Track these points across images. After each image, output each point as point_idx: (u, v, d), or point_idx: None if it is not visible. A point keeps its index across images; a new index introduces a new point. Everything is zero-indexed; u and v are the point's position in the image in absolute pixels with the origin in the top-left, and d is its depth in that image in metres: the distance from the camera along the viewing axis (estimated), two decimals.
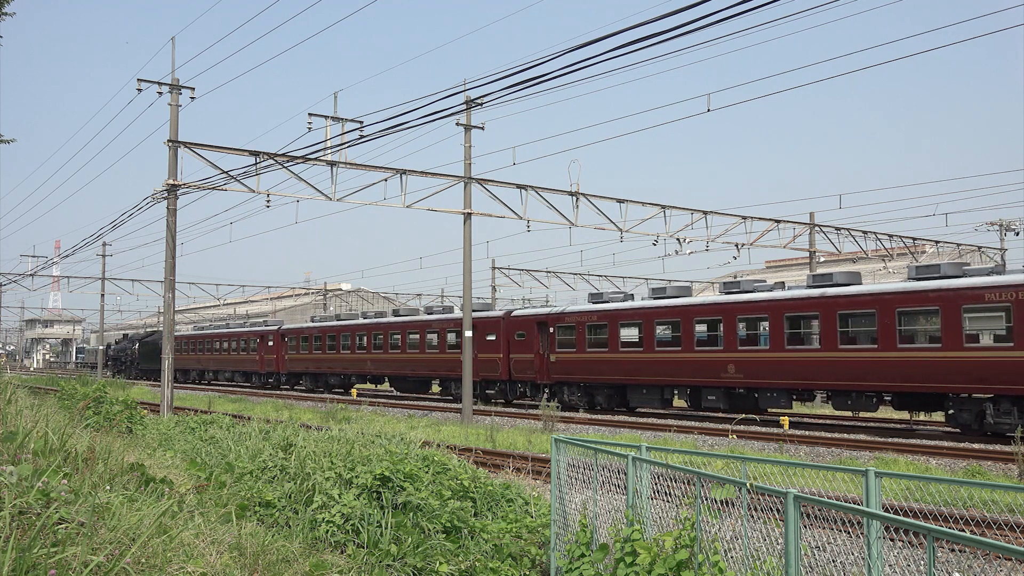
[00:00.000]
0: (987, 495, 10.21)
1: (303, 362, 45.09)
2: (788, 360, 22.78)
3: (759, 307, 23.75)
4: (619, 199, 28.75)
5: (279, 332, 47.42)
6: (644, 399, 27.18)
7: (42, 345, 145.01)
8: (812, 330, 22.47)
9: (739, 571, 5.39)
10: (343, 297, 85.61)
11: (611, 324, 27.80)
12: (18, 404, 9.19)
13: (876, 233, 36.40)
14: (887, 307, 20.76)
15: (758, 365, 23.50)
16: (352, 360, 40.92)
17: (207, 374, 58.32)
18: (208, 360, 56.84)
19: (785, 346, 22.84)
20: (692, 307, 25.62)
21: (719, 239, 32.33)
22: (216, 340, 55.44)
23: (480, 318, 32.45)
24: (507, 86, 16.05)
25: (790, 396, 23.38)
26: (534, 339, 30.49)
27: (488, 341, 32.32)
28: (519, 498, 9.97)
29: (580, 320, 28.88)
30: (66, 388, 21.88)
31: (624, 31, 12.79)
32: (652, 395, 26.80)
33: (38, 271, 59.39)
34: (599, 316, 28.30)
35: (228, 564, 5.47)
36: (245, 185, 23.17)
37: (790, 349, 22.76)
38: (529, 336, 30.74)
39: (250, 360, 50.55)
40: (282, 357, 46.82)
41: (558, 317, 29.80)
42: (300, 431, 12.82)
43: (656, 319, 26.45)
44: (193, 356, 58.81)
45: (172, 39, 24.64)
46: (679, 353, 25.60)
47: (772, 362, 23.15)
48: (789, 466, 6.22)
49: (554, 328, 29.75)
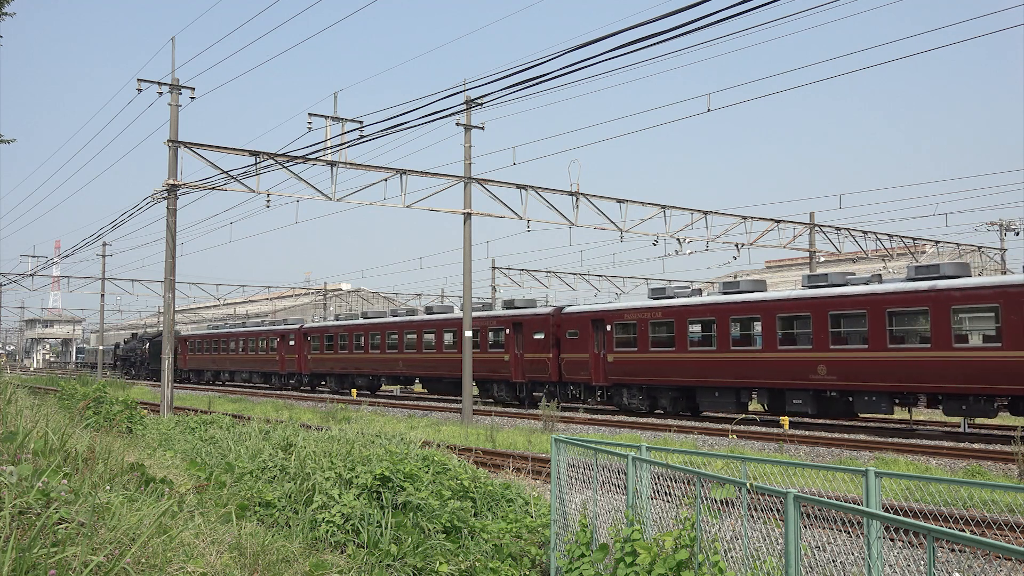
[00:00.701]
0: (987, 495, 10.21)
1: (328, 362, 43.00)
2: (891, 360, 20.69)
3: (856, 302, 21.54)
4: (619, 199, 28.75)
5: (301, 331, 45.33)
6: (716, 403, 25.16)
7: (42, 345, 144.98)
8: (920, 327, 20.52)
9: (739, 571, 5.39)
10: (343, 297, 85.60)
11: (678, 321, 25.83)
12: (18, 404, 9.19)
13: (876, 233, 36.42)
14: (1014, 302, 18.73)
15: (855, 366, 21.39)
16: (381, 360, 38.84)
17: (223, 375, 56.16)
18: (224, 360, 54.62)
19: (887, 345, 20.76)
20: (775, 303, 23.49)
21: (719, 239, 32.34)
22: (233, 339, 53.16)
23: (527, 316, 31.12)
24: (507, 86, 16.06)
25: (891, 400, 21.22)
26: (588, 338, 28.59)
27: (535, 340, 30.49)
28: (519, 498, 9.96)
29: (642, 317, 26.90)
30: (66, 388, 21.88)
31: (624, 31, 12.79)
32: (725, 398, 24.76)
33: (38, 271, 59.42)
34: (664, 312, 26.34)
35: (228, 564, 5.47)
36: (245, 185, 23.18)
37: (893, 348, 20.68)
38: (583, 335, 28.82)
39: (270, 360, 48.38)
40: (304, 357, 44.77)
41: (616, 314, 27.87)
42: (300, 431, 12.82)
43: (732, 315, 24.39)
44: (208, 356, 56.75)
45: (172, 39, 24.65)
46: (759, 353, 23.55)
47: (872, 362, 21.01)
48: (789, 466, 6.22)
49: (611, 326, 27.82)
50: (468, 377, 26.00)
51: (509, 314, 32.04)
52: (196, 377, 59.23)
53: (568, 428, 23.16)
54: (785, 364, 22.95)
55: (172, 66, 24.17)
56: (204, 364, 57.49)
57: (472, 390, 26.49)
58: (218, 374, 56.62)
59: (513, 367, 31.32)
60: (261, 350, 49.44)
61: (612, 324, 27.88)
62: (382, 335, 38.78)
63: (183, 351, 59.28)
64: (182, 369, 59.38)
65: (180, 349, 59.31)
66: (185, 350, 59.23)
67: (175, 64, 31.96)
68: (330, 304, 78.83)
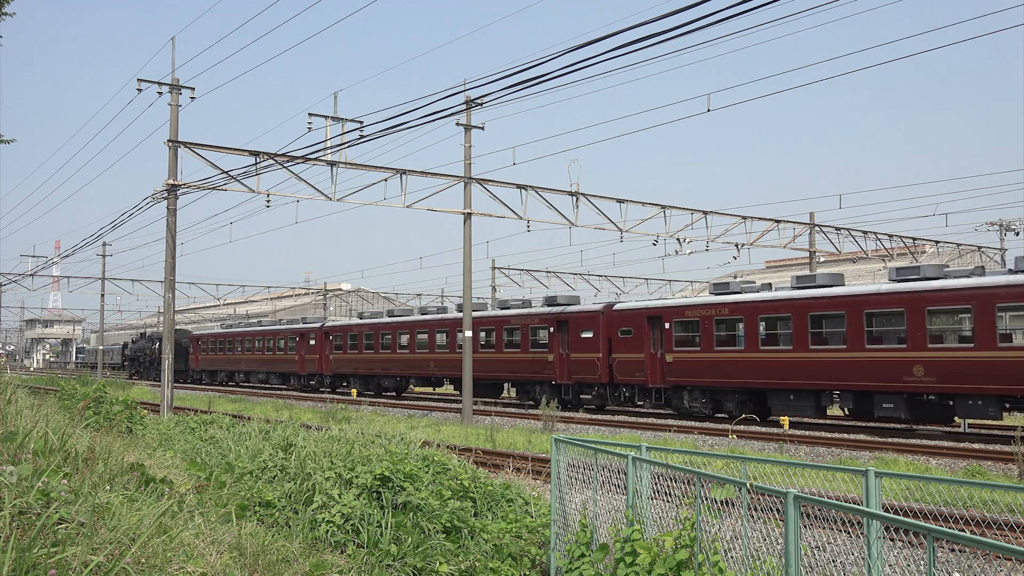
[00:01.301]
0: (987, 495, 10.21)
1: (351, 363, 40.87)
2: (1001, 360, 18.85)
3: (959, 296, 19.77)
4: (619, 199, 28.75)
5: (323, 330, 43.27)
6: (790, 406, 23.19)
7: (42, 345, 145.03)
8: None
9: (739, 571, 5.39)
10: (343, 297, 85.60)
11: (748, 318, 23.95)
12: (18, 404, 9.19)
13: (876, 233, 36.43)
14: None
15: (958, 366, 19.57)
16: (411, 361, 36.77)
17: (237, 375, 53.90)
18: (239, 361, 52.23)
19: (997, 344, 18.97)
20: (861, 297, 21.56)
21: (719, 239, 32.34)
22: (248, 339, 50.81)
23: (574, 313, 29.23)
24: (507, 86, 16.07)
25: (1000, 404, 19.35)
26: (643, 336, 26.67)
27: (583, 339, 28.57)
28: (519, 498, 9.97)
29: (706, 314, 25.05)
30: (66, 388, 21.88)
31: (624, 31, 12.79)
32: (801, 401, 22.85)
33: (38, 271, 59.43)
34: (732, 308, 24.48)
35: (228, 564, 5.47)
36: (245, 185, 23.18)
37: (1004, 347, 18.88)
38: (637, 333, 26.88)
39: (288, 360, 46.20)
40: (326, 357, 42.66)
41: (676, 310, 26.05)
42: (300, 431, 12.83)
43: (810, 311, 22.42)
44: (222, 356, 54.42)
45: (172, 39, 24.66)
46: (843, 352, 21.58)
47: (978, 362, 19.19)
48: (789, 466, 6.22)
49: (670, 323, 25.93)
50: (468, 377, 25.99)
51: (554, 311, 30.13)
52: (209, 378, 57.43)
53: (568, 428, 23.16)
54: (874, 364, 21.06)
55: (172, 66, 24.20)
56: (218, 364, 55.45)
57: (469, 389, 26.43)
58: (232, 374, 54.62)
59: (558, 368, 29.57)
60: (279, 350, 47.35)
61: (671, 321, 26.03)
62: (411, 334, 36.83)
63: (195, 351, 57.94)
64: (194, 370, 58.10)
65: (192, 349, 58.27)
66: (197, 350, 57.76)
67: (175, 64, 31.98)
68: (330, 304, 78.83)
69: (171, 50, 25.10)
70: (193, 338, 59.17)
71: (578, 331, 28.85)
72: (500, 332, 32.16)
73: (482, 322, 32.76)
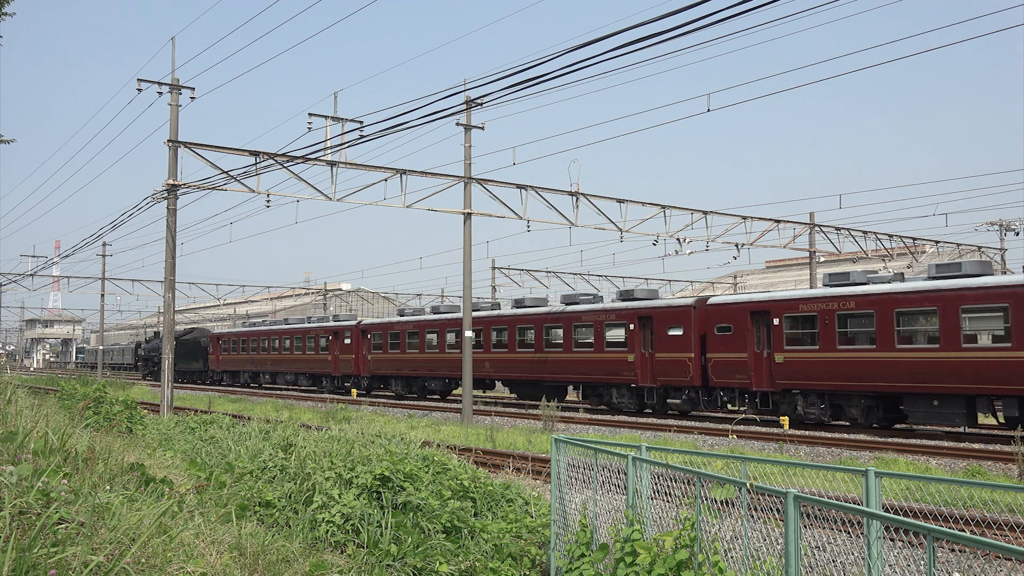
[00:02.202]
0: (987, 495, 10.21)
1: (392, 363, 37.96)
2: None
3: None
4: (619, 199, 28.76)
5: (359, 327, 40.49)
6: (934, 413, 20.22)
7: (42, 345, 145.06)
8: None
9: (739, 571, 5.39)
10: (343, 297, 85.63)
11: (881, 312, 21.05)
12: (18, 404, 9.19)
13: (876, 233, 36.44)
14: None
15: None
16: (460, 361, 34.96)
17: (262, 377, 50.72)
18: (264, 361, 49.06)
19: None
20: None
21: (719, 239, 32.33)
22: (275, 337, 47.69)
23: (660, 308, 26.45)
24: (507, 86, 16.08)
25: None
26: (746, 334, 23.83)
27: (671, 337, 25.73)
28: (519, 498, 9.97)
29: (825, 308, 22.12)
30: (66, 388, 21.89)
31: (624, 31, 12.80)
32: (950, 408, 19.86)
33: (38, 271, 59.43)
34: (860, 302, 21.54)
35: (228, 564, 5.47)
36: (245, 185, 23.18)
37: None
38: (739, 330, 24.05)
39: (320, 361, 43.22)
40: (363, 357, 39.85)
41: (788, 304, 23.10)
42: (300, 431, 12.82)
43: (962, 304, 19.59)
44: (245, 357, 51.15)
45: (172, 39, 24.67)
46: (1008, 351, 18.69)
47: None
48: (789, 466, 6.22)
49: (780, 319, 23.08)
50: (468, 376, 26.00)
51: (634, 306, 27.24)
52: (231, 379, 54.32)
53: (568, 428, 23.17)
54: None
55: (172, 66, 24.21)
56: (240, 365, 52.13)
57: (469, 388, 26.45)
58: (256, 376, 51.35)
59: (640, 369, 26.68)
60: (309, 349, 44.18)
61: (781, 317, 23.14)
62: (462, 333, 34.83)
63: (215, 351, 55.39)
64: (214, 371, 55.70)
65: (212, 349, 55.98)
66: (218, 350, 55.05)
67: (175, 64, 31.99)
68: (330, 304, 78.82)
69: (171, 50, 25.13)
70: (213, 337, 56.69)
71: (664, 328, 26.05)
72: (569, 330, 29.20)
73: (548, 319, 30.11)
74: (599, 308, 28.55)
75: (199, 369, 57.59)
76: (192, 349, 57.57)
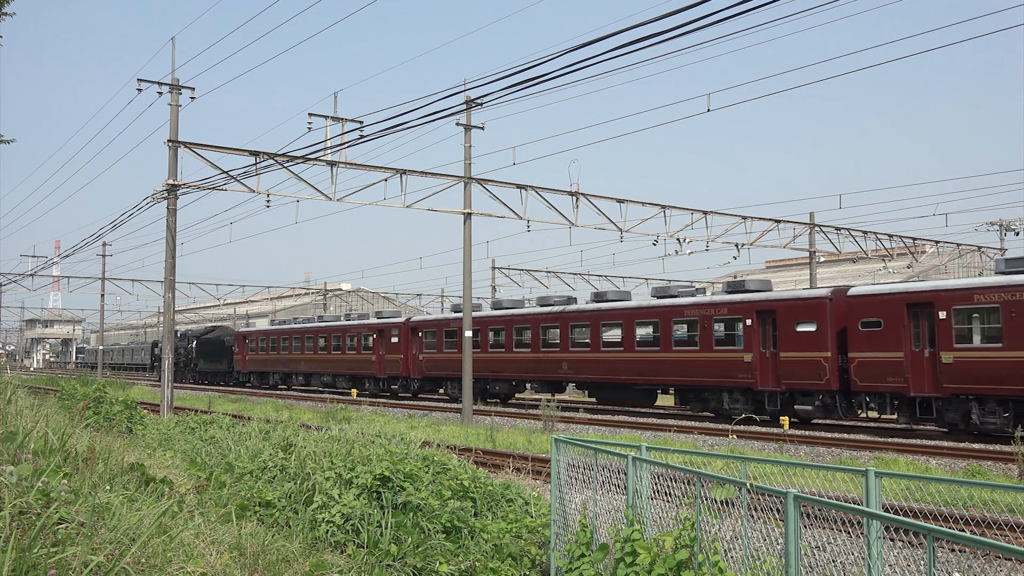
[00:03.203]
0: (987, 495, 10.21)
1: (450, 364, 34.40)
2: None
3: None
4: (619, 199, 28.77)
5: (408, 325, 37.48)
6: None
7: (42, 345, 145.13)
8: None
9: (739, 571, 5.39)
10: (343, 297, 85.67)
11: None
12: (18, 404, 9.19)
13: (876, 233, 36.45)
14: None
15: None
16: (533, 361, 30.99)
17: (294, 378, 47.54)
18: (297, 361, 45.90)
19: None
20: None
21: (719, 239, 32.34)
22: (310, 336, 44.67)
23: (784, 300, 23.30)
24: (507, 86, 16.08)
25: None
26: (900, 329, 20.58)
27: (800, 334, 22.49)
28: (519, 498, 9.97)
29: (1011, 298, 18.73)
30: (66, 388, 21.90)
31: (624, 31, 12.80)
32: None
33: (38, 271, 59.44)
34: None
35: (228, 564, 5.47)
36: (245, 185, 23.19)
37: None
38: (891, 325, 20.72)
39: (363, 361, 40.14)
40: (413, 357, 36.84)
41: (959, 295, 19.69)
42: (300, 431, 12.83)
43: None
44: (275, 356, 47.87)
45: (172, 39, 24.68)
46: None
47: None
48: (789, 466, 6.22)
49: (948, 312, 19.78)
50: (468, 376, 26.00)
51: (753, 299, 24.16)
52: (258, 380, 50.77)
53: (568, 428, 23.17)
54: None
55: (172, 66, 24.23)
56: (270, 365, 48.81)
57: (469, 388, 26.44)
58: (288, 377, 48.09)
59: (759, 371, 23.61)
60: (349, 349, 41.12)
61: (949, 310, 19.77)
62: (534, 330, 30.88)
63: (241, 350, 51.88)
64: (240, 372, 52.29)
65: (238, 348, 52.48)
66: (244, 349, 51.61)
67: (175, 64, 32.00)
68: (330, 304, 78.84)
69: (171, 50, 25.14)
70: (239, 336, 53.42)
71: (791, 324, 22.78)
72: (666, 326, 26.14)
73: (639, 314, 27.17)
74: (705, 301, 25.56)
75: (223, 370, 54.95)
76: (216, 349, 55.36)
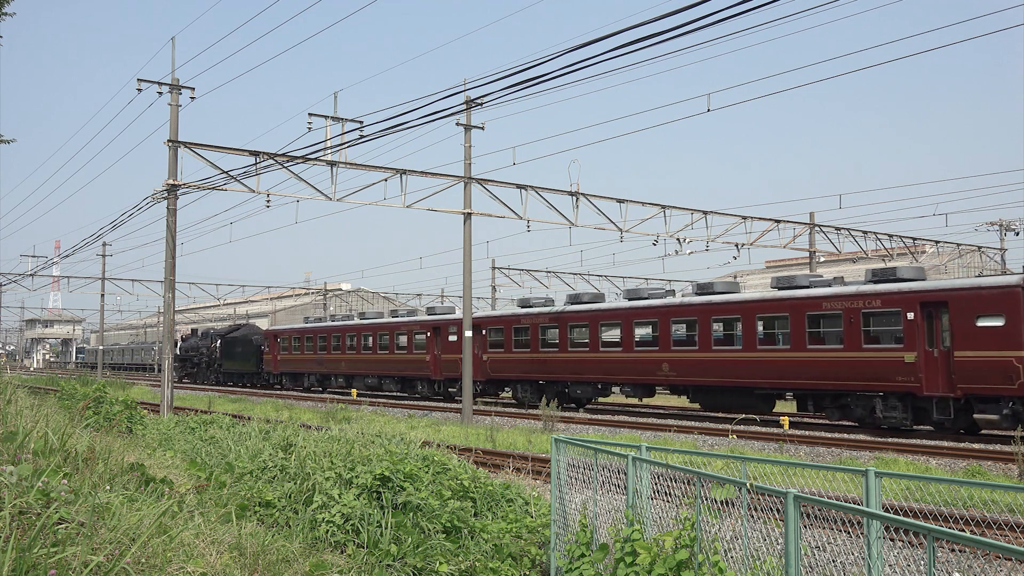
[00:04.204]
0: (987, 495, 10.21)
1: (515, 365, 31.77)
2: None
3: None
4: (619, 199, 28.77)
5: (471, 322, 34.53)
6: None
7: (42, 345, 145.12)
8: None
9: (739, 571, 5.39)
10: (343, 297, 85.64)
11: None
12: (18, 404, 9.19)
13: (876, 233, 36.46)
14: None
15: None
16: (623, 363, 27.76)
17: (334, 380, 44.03)
18: (336, 362, 42.57)
19: None
20: None
21: (719, 239, 32.34)
22: (352, 334, 41.42)
23: (957, 290, 19.82)
24: (507, 86, 16.08)
25: None
26: None
27: (980, 329, 19.22)
28: (519, 498, 9.96)
29: None
30: (66, 388, 21.91)
31: (624, 31, 12.80)
32: None
33: (38, 271, 59.45)
34: None
35: (228, 564, 5.47)
36: (245, 185, 23.19)
37: None
38: None
39: (414, 362, 37.00)
40: (476, 357, 33.13)
41: None
42: (300, 431, 12.83)
43: None
44: (311, 357, 44.66)
45: (172, 39, 24.68)
46: None
47: None
48: (789, 466, 6.22)
49: None
50: (468, 376, 26.00)
51: (913, 288, 20.64)
52: (292, 382, 47.31)
53: (568, 428, 23.17)
54: None
55: (172, 66, 24.22)
56: (305, 366, 45.52)
57: (469, 388, 26.42)
58: (325, 379, 44.79)
59: (925, 373, 20.14)
60: (399, 348, 38.13)
61: None
62: (626, 326, 27.66)
63: (272, 349, 48.10)
64: (272, 373, 48.63)
65: (268, 347, 48.68)
66: (275, 349, 47.88)
67: (175, 64, 31.99)
68: (330, 304, 78.82)
69: (171, 50, 25.13)
70: (270, 334, 49.38)
71: (969, 318, 19.41)
72: (799, 321, 22.75)
73: (762, 307, 23.85)
74: (849, 292, 21.81)
75: (251, 371, 51.30)
76: (242, 348, 51.95)
